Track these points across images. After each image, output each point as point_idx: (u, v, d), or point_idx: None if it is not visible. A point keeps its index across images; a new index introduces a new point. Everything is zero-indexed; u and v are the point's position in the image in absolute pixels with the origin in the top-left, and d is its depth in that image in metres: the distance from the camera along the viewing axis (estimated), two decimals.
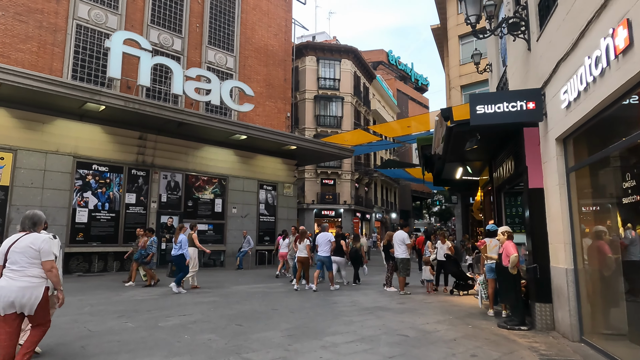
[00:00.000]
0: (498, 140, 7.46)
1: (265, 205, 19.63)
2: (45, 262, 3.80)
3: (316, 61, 34.85)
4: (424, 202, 68.45)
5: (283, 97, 21.88)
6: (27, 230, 3.93)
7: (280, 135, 17.98)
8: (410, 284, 10.81)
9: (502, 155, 7.88)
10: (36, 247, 3.77)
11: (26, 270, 3.74)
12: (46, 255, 3.81)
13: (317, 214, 33.39)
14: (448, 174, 11.17)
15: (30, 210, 4.12)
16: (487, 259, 7.10)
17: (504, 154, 7.79)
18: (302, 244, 10.63)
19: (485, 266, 7.46)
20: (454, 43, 26.38)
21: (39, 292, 3.78)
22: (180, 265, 10.00)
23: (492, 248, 7.31)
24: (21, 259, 3.74)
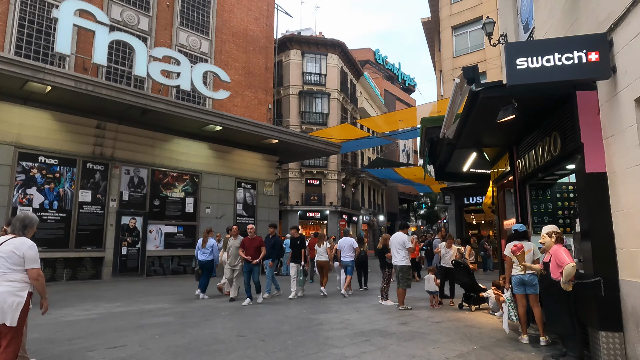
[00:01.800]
0: (528, 116, 5.76)
1: (244, 205, 17.72)
2: (31, 270, 3.61)
3: (301, 55, 33.09)
4: (411, 205, 67.27)
5: (264, 87, 20.03)
6: (16, 233, 3.72)
7: (260, 127, 16.13)
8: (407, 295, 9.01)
9: (533, 136, 6.19)
10: (20, 253, 3.57)
11: (6, 275, 3.54)
12: (32, 263, 3.61)
13: (301, 215, 31.53)
14: (454, 166, 9.48)
15: (22, 212, 3.98)
16: (522, 269, 5.37)
17: (535, 135, 6.11)
18: (321, 247, 10.52)
19: (512, 278, 5.74)
20: (447, 34, 24.94)
21: (21, 298, 3.55)
22: (208, 270, 9.85)
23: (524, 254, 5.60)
24: (3, 264, 3.55)
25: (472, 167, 9.63)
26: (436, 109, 18.58)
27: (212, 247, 9.94)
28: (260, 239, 9.03)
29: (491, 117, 5.58)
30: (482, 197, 23.18)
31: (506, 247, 5.87)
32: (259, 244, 8.93)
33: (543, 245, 4.84)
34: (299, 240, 10.06)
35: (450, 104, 6.09)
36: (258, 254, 8.83)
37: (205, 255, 9.86)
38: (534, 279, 5.51)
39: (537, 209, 7.08)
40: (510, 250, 5.47)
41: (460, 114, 6.12)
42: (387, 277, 9.18)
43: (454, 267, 8.68)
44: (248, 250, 8.82)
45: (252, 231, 9.04)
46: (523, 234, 5.76)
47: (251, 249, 8.82)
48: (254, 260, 8.74)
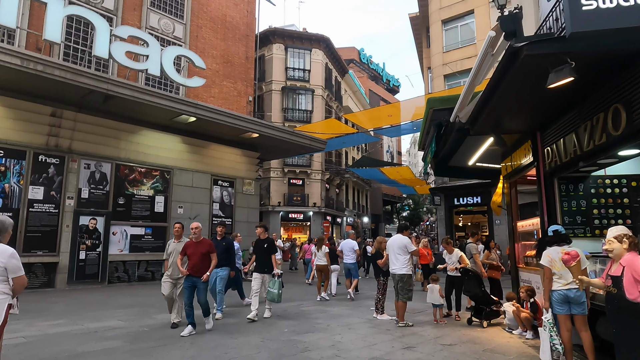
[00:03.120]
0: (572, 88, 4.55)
1: (220, 204, 16.24)
2: (18, 279, 3.37)
3: (284, 49, 31.74)
4: (394, 207, 66.59)
5: (244, 77, 18.58)
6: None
7: (239, 119, 14.68)
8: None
9: (573, 115, 4.99)
10: (2, 263, 3.29)
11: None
12: (16, 271, 3.36)
13: (283, 217, 30.13)
14: (459, 159, 8.28)
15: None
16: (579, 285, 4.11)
17: (576, 113, 4.91)
18: (320, 252, 10.47)
19: (552, 294, 4.50)
20: (436, 28, 23.95)
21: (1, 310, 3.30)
22: (235, 278, 9.00)
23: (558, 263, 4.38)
24: None
25: (479, 161, 8.44)
26: None
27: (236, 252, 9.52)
28: (209, 243, 6.66)
29: (529, 87, 4.36)
30: (473, 198, 22.31)
31: (543, 254, 4.65)
32: (207, 249, 6.52)
33: (609, 252, 3.61)
34: (266, 243, 7.72)
35: (472, 75, 4.85)
36: (206, 264, 6.47)
37: None
38: (581, 296, 4.30)
39: (567, 207, 5.90)
40: (561, 259, 4.23)
41: (484, 88, 4.89)
42: (382, 287, 7.90)
43: (462, 275, 7.45)
44: (192, 258, 6.42)
45: (197, 231, 6.59)
46: (564, 237, 4.55)
47: (196, 257, 6.41)
48: (202, 274, 6.38)
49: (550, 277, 4.49)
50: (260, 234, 7.86)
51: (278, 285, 7.54)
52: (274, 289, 7.51)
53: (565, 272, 4.36)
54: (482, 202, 21.35)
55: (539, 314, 6.26)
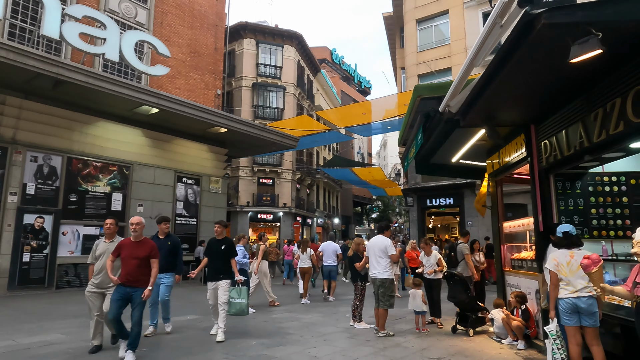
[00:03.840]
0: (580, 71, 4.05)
1: (185, 203, 15.22)
2: None
3: (255, 45, 30.79)
4: (364, 208, 66.63)
5: (213, 69, 17.60)
6: None
7: (206, 112, 13.75)
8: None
9: (578, 104, 4.51)
10: None
11: None
12: None
13: (252, 217, 29.14)
14: (442, 155, 7.75)
15: None
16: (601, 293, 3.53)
17: (582, 102, 4.43)
18: (305, 254, 10.40)
19: (560, 303, 3.97)
20: (410, 28, 23.71)
21: None
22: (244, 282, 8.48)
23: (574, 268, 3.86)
24: None
25: (463, 158, 7.95)
26: (404, 101, 17.07)
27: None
28: (151, 245, 5.13)
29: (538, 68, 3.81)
30: (446, 199, 22.15)
31: (549, 257, 4.12)
32: (148, 252, 5.02)
33: (638, 256, 3.09)
34: (223, 244, 6.37)
35: (472, 54, 4.26)
36: (144, 273, 4.99)
37: None
38: (593, 305, 3.78)
39: (564, 206, 5.44)
40: (580, 263, 3.67)
41: (484, 72, 4.33)
42: (360, 293, 7.26)
43: (447, 280, 6.91)
44: (127, 263, 4.93)
45: (138, 228, 5.09)
46: (576, 239, 4.03)
47: (132, 261, 4.92)
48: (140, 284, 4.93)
49: (557, 283, 3.97)
50: (218, 233, 6.52)
51: (245, 293, 6.32)
52: (239, 299, 6.24)
53: (573, 278, 3.84)
54: (455, 203, 21.22)
55: (530, 322, 5.79)
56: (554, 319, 4.02)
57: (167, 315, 6.60)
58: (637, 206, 5.35)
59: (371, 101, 18.82)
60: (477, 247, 9.07)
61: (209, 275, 6.45)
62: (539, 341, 5.63)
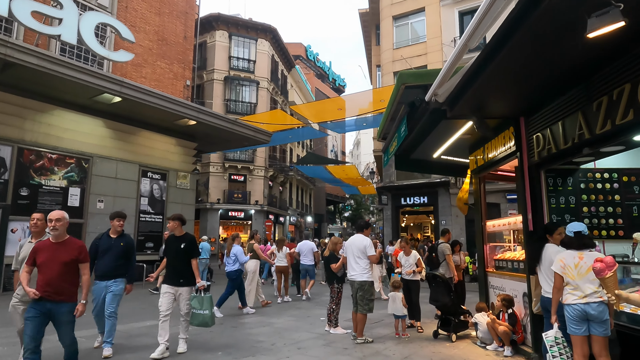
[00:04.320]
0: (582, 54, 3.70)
1: (150, 199, 14.35)
2: None
3: (228, 37, 29.88)
4: (337, 207, 66.51)
5: (182, 59, 16.74)
6: None
7: (174, 103, 12.93)
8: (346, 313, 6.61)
9: (576, 92, 4.16)
10: None
11: None
12: None
13: (223, 215, 28.28)
14: (424, 151, 7.37)
15: None
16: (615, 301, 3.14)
17: (580, 90, 4.09)
18: (281, 252, 10.24)
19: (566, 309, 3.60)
20: (387, 24, 23.45)
21: None
22: (237, 282, 8.57)
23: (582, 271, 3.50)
24: None
25: (445, 154, 7.59)
26: (379, 97, 16.74)
27: (236, 254, 8.55)
28: (78, 246, 4.02)
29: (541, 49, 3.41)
30: (420, 198, 22.03)
31: (555, 259, 3.75)
32: (75, 254, 3.94)
33: None
34: (183, 243, 5.41)
35: (467, 33, 3.83)
36: (70, 282, 3.92)
37: (229, 266, 8.59)
38: (604, 312, 3.42)
39: (555, 204, 5.13)
40: (592, 267, 3.28)
41: (479, 55, 3.92)
42: (337, 296, 6.78)
43: (429, 282, 6.52)
44: (45, 269, 3.81)
45: (59, 225, 3.90)
46: (588, 241, 3.69)
47: (52, 267, 3.81)
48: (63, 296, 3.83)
49: (561, 286, 3.60)
50: (174, 229, 5.47)
51: (208, 303, 5.36)
52: (202, 310, 5.30)
53: (582, 282, 3.48)
54: (429, 202, 21.13)
55: (517, 327, 5.46)
56: (555, 325, 3.65)
57: (110, 338, 5.17)
58: (629, 204, 5.10)
59: (346, 96, 18.39)
60: (457, 250, 8.76)
61: (167, 277, 5.43)
62: (527, 347, 5.31)
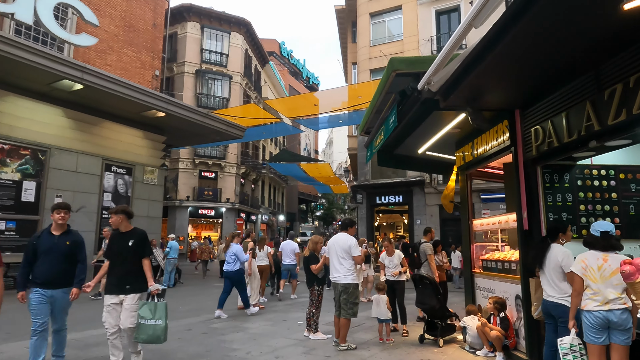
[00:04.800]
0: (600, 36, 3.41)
1: (114, 195, 13.46)
2: None
3: (200, 29, 28.91)
4: (309, 205, 66.15)
5: (151, 47, 15.86)
6: None
7: (141, 93, 12.13)
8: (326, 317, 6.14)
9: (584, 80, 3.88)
10: None
11: None
12: None
13: (192, 212, 27.32)
14: (409, 146, 7.03)
15: None
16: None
17: (589, 78, 3.81)
18: (262, 252, 9.89)
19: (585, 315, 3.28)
20: (364, 21, 23.18)
21: None
22: (239, 282, 8.25)
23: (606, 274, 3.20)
24: None
25: (431, 149, 7.27)
26: (355, 94, 16.41)
27: (236, 254, 8.09)
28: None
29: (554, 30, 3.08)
30: (395, 197, 21.89)
31: (576, 258, 3.44)
32: None
33: None
34: (131, 240, 4.38)
35: (473, 12, 3.45)
36: None
37: (230, 265, 8.12)
38: (628, 320, 3.12)
39: (552, 202, 4.86)
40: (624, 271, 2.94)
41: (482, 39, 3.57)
42: (317, 299, 6.33)
43: (416, 283, 6.17)
44: None
45: None
46: (615, 243, 3.39)
47: None
48: None
49: (581, 290, 3.29)
50: (118, 224, 4.39)
51: (162, 311, 4.30)
52: (154, 320, 4.26)
53: (604, 285, 3.18)
54: (404, 201, 21.01)
55: (510, 332, 5.17)
56: (572, 331, 3.34)
57: (61, 352, 4.35)
58: (626, 203, 4.90)
59: (321, 92, 18.00)
60: (439, 250, 8.49)
61: (108, 285, 4.36)
62: (520, 352, 5.04)
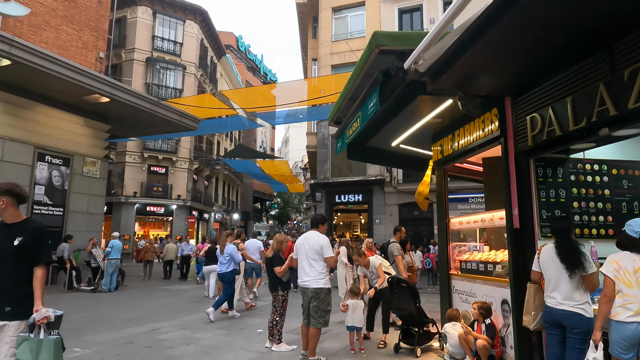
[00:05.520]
0: None
1: (48, 188, 11.99)
2: None
3: (152, 15, 27.19)
4: (264, 204, 64.94)
5: (95, 27, 14.39)
6: None
7: (81, 73, 10.82)
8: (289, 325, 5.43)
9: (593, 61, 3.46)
10: None
11: None
12: None
13: (140, 210, 25.61)
14: (384, 137, 6.48)
15: None
16: None
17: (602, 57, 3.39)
18: None
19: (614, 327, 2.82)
20: (326, 15, 22.65)
21: None
22: (229, 284, 7.64)
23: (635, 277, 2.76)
24: None
25: (406, 142, 6.77)
26: (318, 87, 15.79)
27: (231, 254, 7.65)
28: None
29: None
30: (355, 196, 21.49)
31: (608, 259, 2.96)
32: None
33: None
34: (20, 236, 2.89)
35: None
36: None
37: (224, 266, 7.67)
38: None
39: (545, 198, 4.45)
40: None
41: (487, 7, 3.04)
42: (281, 305, 5.61)
43: (391, 287, 5.60)
44: None
45: None
46: None
47: None
48: None
49: (613, 296, 2.82)
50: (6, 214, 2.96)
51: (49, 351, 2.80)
52: None
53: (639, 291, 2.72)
54: (364, 200, 20.67)
55: (496, 341, 4.72)
56: (600, 345, 2.86)
57: None
58: (619, 200, 4.60)
59: (281, 84, 17.18)
60: (408, 248, 8.03)
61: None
62: None
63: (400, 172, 20.09)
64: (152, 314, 7.89)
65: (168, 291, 11.58)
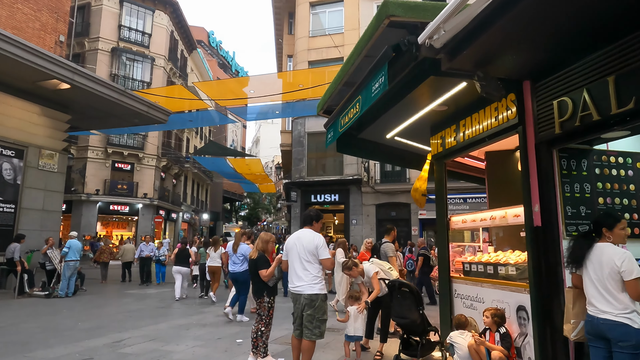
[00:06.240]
0: None
1: None
2: None
3: (119, 3, 25.82)
4: (234, 205, 63.61)
5: (55, 7, 13.20)
6: None
7: (37, 55, 9.75)
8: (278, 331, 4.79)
9: None
10: None
11: None
12: None
13: (102, 208, 24.13)
14: (379, 127, 5.94)
15: None
16: None
17: None
18: (216, 253, 9.70)
19: None
20: (303, 10, 22.05)
21: None
22: (243, 284, 7.37)
23: None
24: None
25: (402, 135, 6.24)
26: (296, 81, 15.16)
27: (244, 254, 7.33)
28: None
29: None
30: (331, 195, 20.93)
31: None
32: None
33: None
34: None
35: None
36: None
37: (237, 266, 7.44)
38: None
39: (569, 193, 4.00)
40: None
41: None
42: (267, 313, 4.94)
43: (390, 292, 5.03)
44: None
45: None
46: None
47: None
48: None
49: None
50: None
51: None
52: None
53: None
54: (340, 200, 20.16)
55: (512, 352, 4.24)
56: None
57: None
58: None
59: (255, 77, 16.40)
60: (396, 248, 7.50)
61: None
62: None
63: (378, 172, 19.72)
64: (114, 323, 7.03)
65: (132, 296, 10.63)
